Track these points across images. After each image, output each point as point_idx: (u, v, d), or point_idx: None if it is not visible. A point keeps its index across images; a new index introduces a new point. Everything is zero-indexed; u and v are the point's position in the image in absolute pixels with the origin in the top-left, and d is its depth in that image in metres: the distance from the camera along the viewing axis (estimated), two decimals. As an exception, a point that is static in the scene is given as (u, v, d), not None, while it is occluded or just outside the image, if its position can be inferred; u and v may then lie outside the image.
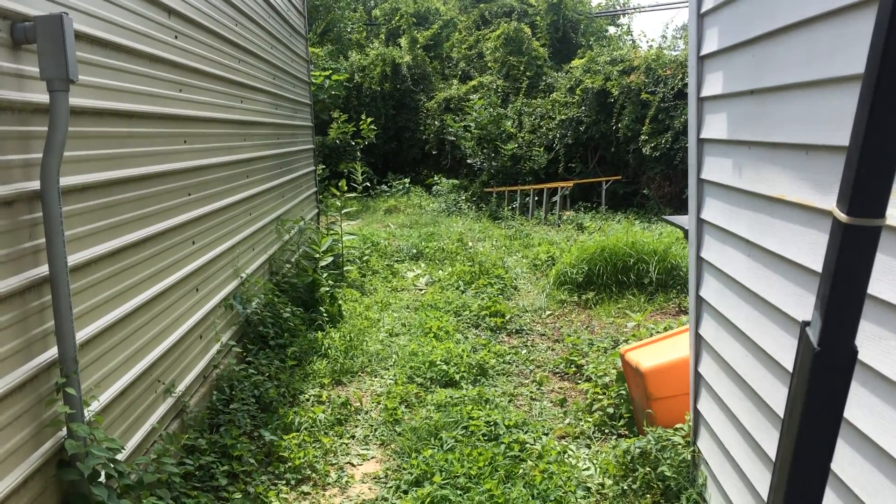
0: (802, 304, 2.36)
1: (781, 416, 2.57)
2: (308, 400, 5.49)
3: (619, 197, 15.92)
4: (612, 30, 24.02)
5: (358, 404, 5.46)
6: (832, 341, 0.98)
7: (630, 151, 15.40)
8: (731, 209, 3.08)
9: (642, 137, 14.67)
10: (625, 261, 8.50)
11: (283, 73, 9.01)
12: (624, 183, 15.95)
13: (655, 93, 14.55)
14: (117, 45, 3.78)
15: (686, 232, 5.00)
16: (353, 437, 4.98)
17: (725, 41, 3.04)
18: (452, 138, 18.47)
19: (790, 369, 2.47)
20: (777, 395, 2.61)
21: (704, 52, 3.36)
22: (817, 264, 2.23)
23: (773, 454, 2.70)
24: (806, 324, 1.03)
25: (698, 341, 3.69)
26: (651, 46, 19.32)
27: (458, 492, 3.96)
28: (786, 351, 2.52)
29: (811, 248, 2.29)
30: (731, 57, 3.02)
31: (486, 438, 4.69)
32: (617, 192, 15.93)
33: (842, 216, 0.96)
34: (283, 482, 4.30)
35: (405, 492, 4.13)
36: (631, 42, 22.38)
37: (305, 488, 4.26)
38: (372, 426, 5.12)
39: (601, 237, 10.41)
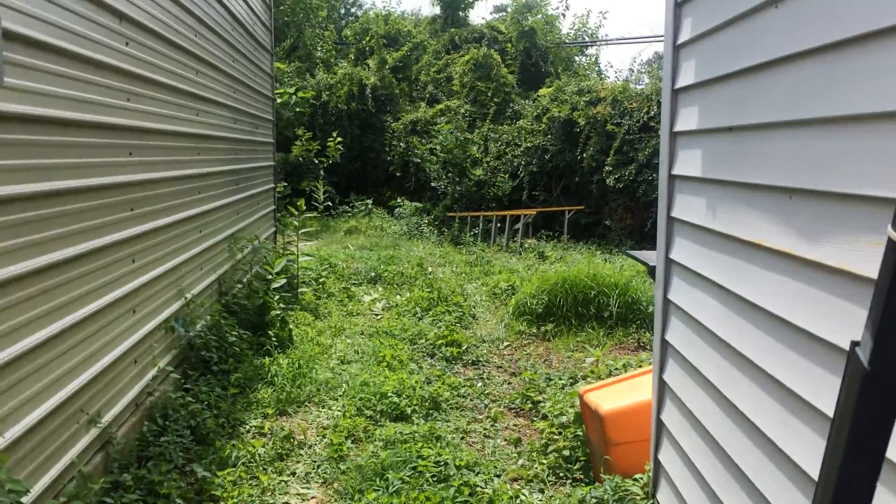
0: (781, 361, 2.18)
1: (752, 479, 2.38)
2: (248, 431, 5.18)
3: (581, 227, 15.88)
4: (579, 59, 24.19)
5: (302, 437, 5.16)
6: (884, 362, 0.91)
7: (594, 182, 15.39)
8: (703, 251, 2.91)
9: (606, 168, 14.67)
10: (585, 293, 8.36)
11: (245, 88, 8.74)
12: (587, 213, 15.92)
13: (621, 125, 14.58)
14: (57, 49, 3.50)
15: (649, 268, 4.84)
16: (293, 473, 4.68)
17: (703, 74, 2.89)
18: (417, 161, 18.31)
19: (764, 430, 2.28)
20: (748, 458, 2.42)
21: (679, 84, 3.21)
22: (798, 317, 2.06)
23: (740, 517, 2.51)
24: (855, 344, 0.96)
25: (662, 387, 3.51)
26: (618, 78, 19.45)
27: (403, 541, 3.70)
28: (760, 409, 2.33)
29: (791, 300, 2.11)
30: (708, 91, 2.87)
31: (435, 480, 4.44)
32: (579, 222, 15.89)
33: None
34: (216, 524, 3.99)
35: (346, 538, 3.85)
36: (598, 73, 22.53)
37: (239, 531, 3.96)
38: (315, 462, 4.83)
39: (562, 267, 10.29)
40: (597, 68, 23.31)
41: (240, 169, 8.47)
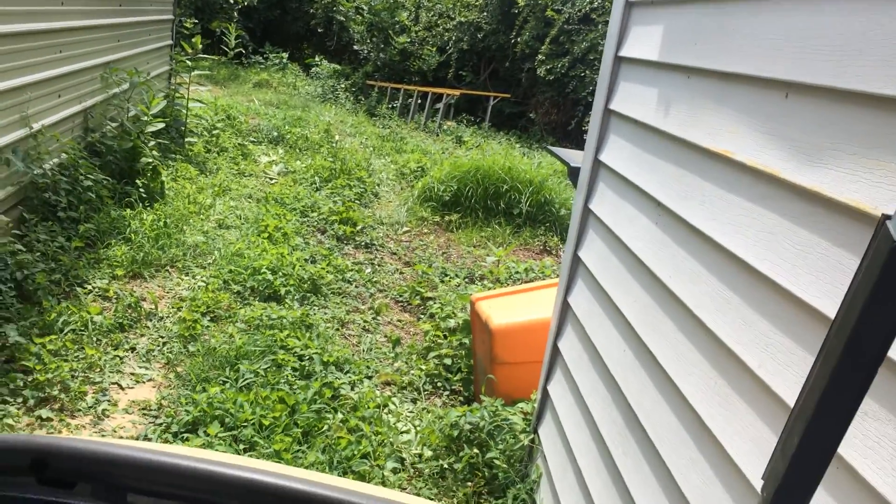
0: (727, 315, 1.64)
1: (659, 451, 1.89)
2: (89, 293, 4.46)
3: (504, 116, 15.15)
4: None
5: (152, 307, 4.48)
6: None
7: (524, 70, 14.56)
8: (645, 157, 2.31)
9: (539, 57, 13.84)
10: (497, 186, 7.78)
11: None
12: (512, 102, 15.17)
13: (562, 12, 13.67)
14: None
15: (570, 168, 4.27)
16: (133, 349, 4.03)
17: (684, -76, 2.20)
18: (342, 19, 16.91)
19: (687, 395, 1.77)
20: (660, 423, 1.92)
21: (648, -60, 2.51)
22: (766, 264, 1.50)
23: (631, 486, 2.05)
24: (887, 217, 0.76)
25: (565, 310, 2.99)
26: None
27: (239, 448, 3.15)
28: (686, 369, 1.81)
29: (761, 239, 1.55)
30: (687, -53, 2.19)
31: (296, 376, 3.88)
32: (503, 111, 15.14)
33: None
34: (19, 401, 3.33)
35: (175, 435, 3.27)
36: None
37: (45, 413, 3.30)
38: (162, 338, 4.19)
39: (478, 155, 9.64)
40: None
41: (126, -12, 7.28)
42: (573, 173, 3.69)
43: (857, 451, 1.18)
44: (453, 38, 15.54)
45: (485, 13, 15.15)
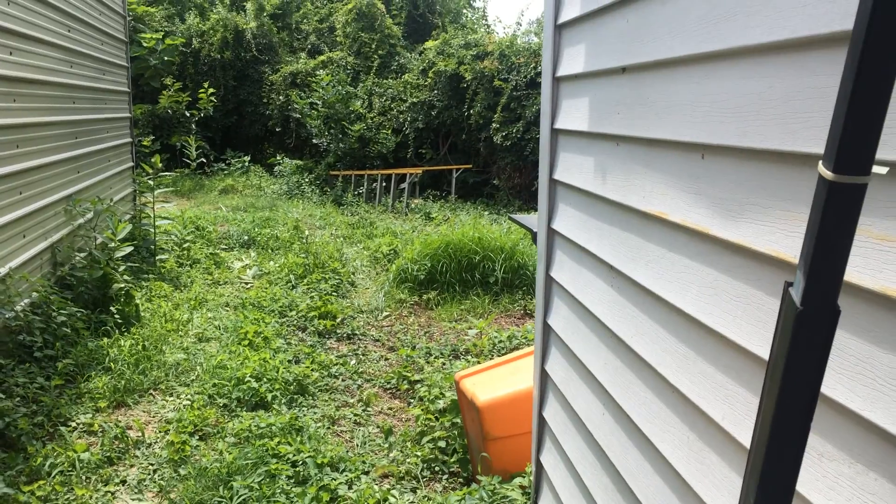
0: (686, 369, 1.69)
1: (644, 503, 1.90)
2: (74, 430, 4.40)
3: (469, 186, 15.42)
4: (467, 13, 23.52)
5: (139, 435, 4.44)
6: (815, 301, 0.88)
7: (481, 139, 14.91)
8: (592, 223, 2.39)
9: (494, 125, 14.20)
10: (470, 258, 7.87)
11: (85, 27, 7.63)
12: (474, 172, 15.47)
13: (508, 80, 14.11)
14: None
15: (533, 233, 4.37)
16: (124, 482, 3.97)
17: (591, 3, 2.34)
18: (298, 116, 17.26)
19: (664, 452, 1.80)
20: (644, 483, 1.94)
21: (563, 19, 2.66)
22: (711, 317, 1.56)
23: (634, 548, 2.05)
24: (789, 284, 0.92)
25: (544, 379, 3.02)
26: (506, 33, 18.91)
27: (241, 570, 3.10)
28: (658, 426, 1.84)
29: (702, 294, 1.61)
30: (597, 24, 2.32)
31: (292, 483, 3.84)
32: (467, 181, 15.42)
33: (827, 174, 0.83)
34: (11, 556, 3.26)
35: (175, 566, 3.21)
36: (486, 27, 21.94)
37: (40, 565, 3.24)
38: (152, 466, 4.13)
39: (448, 229, 9.76)
40: (485, 22, 22.74)
41: (81, 120, 7.43)
42: (535, 238, 3.78)
43: (820, 493, 1.22)
44: (408, 118, 15.91)
45: (435, 91, 15.57)
